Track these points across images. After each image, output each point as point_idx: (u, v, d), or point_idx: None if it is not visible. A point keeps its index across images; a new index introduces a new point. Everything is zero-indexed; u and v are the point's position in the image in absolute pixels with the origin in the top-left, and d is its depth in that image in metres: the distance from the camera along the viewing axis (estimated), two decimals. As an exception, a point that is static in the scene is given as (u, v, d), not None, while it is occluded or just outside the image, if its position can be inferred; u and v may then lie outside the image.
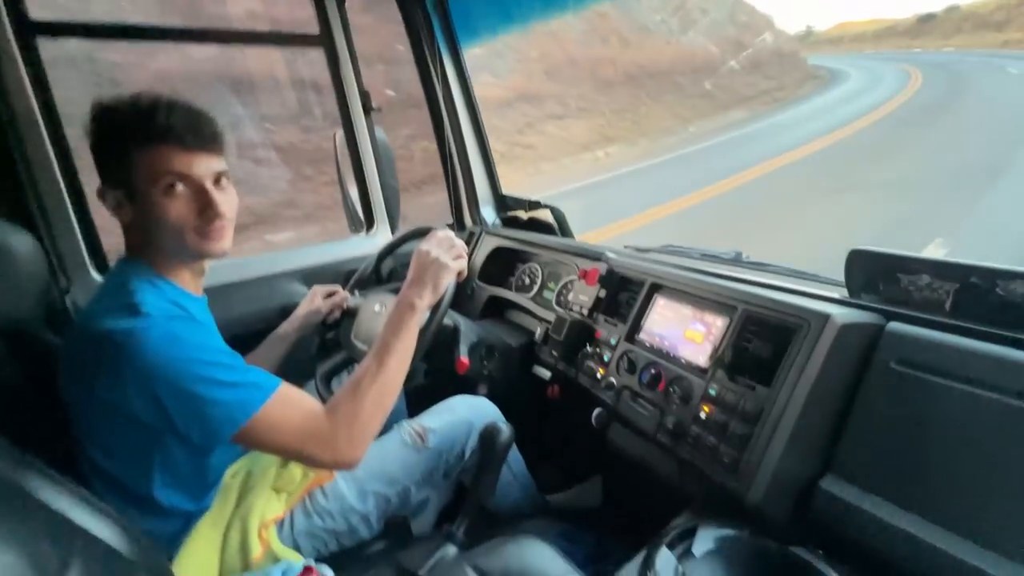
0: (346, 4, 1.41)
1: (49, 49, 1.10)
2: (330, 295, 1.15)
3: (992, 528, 0.60)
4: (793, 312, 0.79)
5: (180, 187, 0.73)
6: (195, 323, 0.75)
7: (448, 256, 0.89)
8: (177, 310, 0.75)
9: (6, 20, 1.02)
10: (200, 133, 0.74)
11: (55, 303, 1.05)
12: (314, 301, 1.13)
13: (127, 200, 0.74)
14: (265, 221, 4.46)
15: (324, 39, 1.39)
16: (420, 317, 0.86)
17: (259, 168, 4.87)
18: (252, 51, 4.96)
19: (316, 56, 1.41)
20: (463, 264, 0.92)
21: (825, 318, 0.74)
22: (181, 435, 0.71)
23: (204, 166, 0.74)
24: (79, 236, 1.13)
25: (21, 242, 0.85)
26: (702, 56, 14.53)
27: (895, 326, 0.75)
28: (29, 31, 1.06)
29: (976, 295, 0.75)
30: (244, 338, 1.01)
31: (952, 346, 0.68)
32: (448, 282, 0.89)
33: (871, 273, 0.87)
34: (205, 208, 0.74)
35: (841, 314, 0.75)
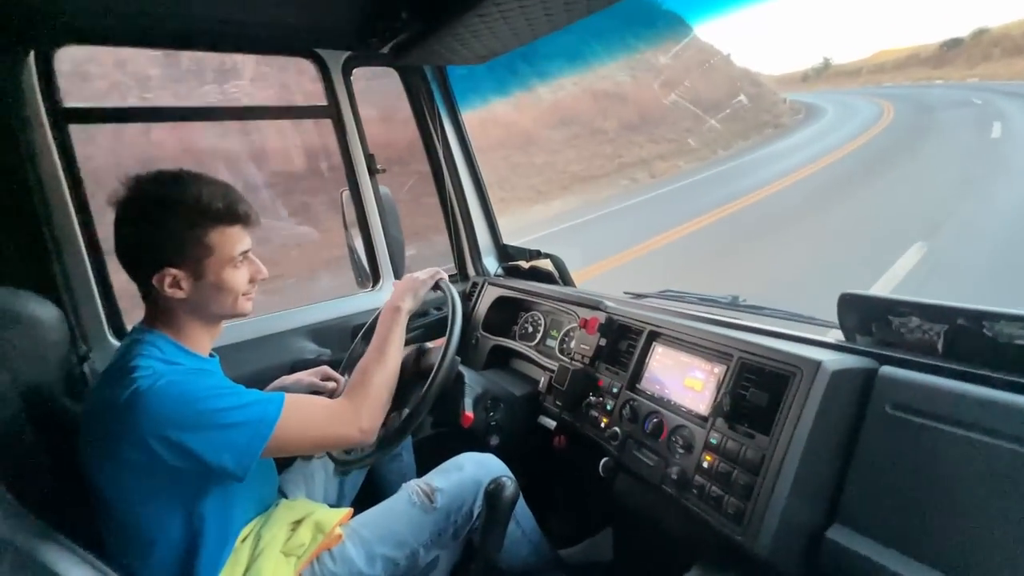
0: (352, 76, 1.52)
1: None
2: (326, 379, 1.18)
3: None
4: (786, 360, 0.80)
5: (242, 260, 0.85)
6: (192, 371, 0.81)
7: (422, 275, 1.12)
8: (169, 368, 0.79)
9: (42, 108, 1.12)
10: (254, 213, 0.86)
11: (74, 370, 1.09)
12: (309, 376, 1.16)
13: (191, 278, 0.80)
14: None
15: (332, 109, 1.49)
16: (405, 318, 1.05)
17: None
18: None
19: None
20: (437, 275, 1.12)
21: (817, 365, 0.76)
22: (216, 470, 0.76)
23: (251, 240, 0.87)
24: (99, 305, 1.18)
25: (45, 311, 0.89)
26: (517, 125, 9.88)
27: (888, 370, 0.76)
28: (62, 117, 1.15)
29: (965, 336, 0.76)
30: None
31: (945, 390, 0.69)
32: (424, 291, 1.10)
33: (863, 316, 0.89)
34: (255, 275, 0.88)
35: (833, 360, 0.76)
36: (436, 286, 1.16)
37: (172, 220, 0.79)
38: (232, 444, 0.77)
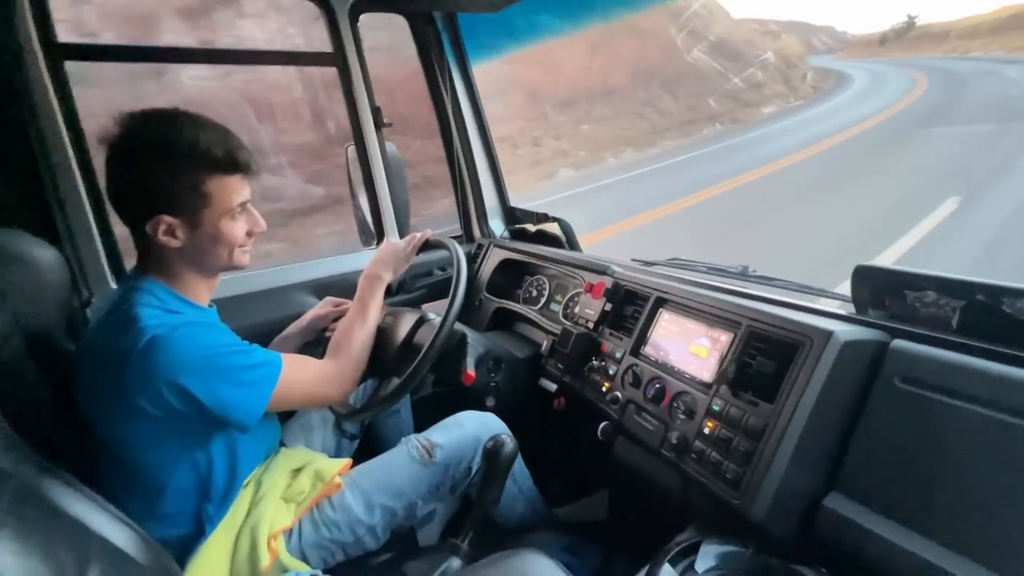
0: (359, 23, 1.45)
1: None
2: (338, 306, 1.18)
3: (1000, 552, 0.60)
4: (796, 329, 0.79)
5: (240, 211, 0.82)
6: (200, 324, 0.80)
7: (403, 244, 1.15)
8: (176, 317, 0.78)
9: (36, 43, 1.07)
10: (254, 162, 0.82)
11: (75, 314, 1.09)
12: (323, 309, 1.17)
13: (187, 227, 0.78)
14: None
15: (337, 58, 1.43)
16: (383, 286, 1.08)
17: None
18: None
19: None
20: (415, 242, 1.16)
21: (828, 335, 0.74)
22: (221, 421, 0.78)
23: (251, 191, 0.83)
24: (100, 249, 1.17)
25: (46, 255, 0.88)
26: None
27: (900, 343, 0.74)
28: (57, 53, 1.11)
29: (983, 312, 0.74)
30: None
31: (958, 365, 0.68)
32: (406, 264, 1.13)
33: (877, 289, 0.87)
34: (253, 228, 0.85)
35: (844, 331, 0.74)
36: (434, 245, 1.16)
37: (168, 166, 0.75)
38: (238, 402, 0.78)
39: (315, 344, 1.17)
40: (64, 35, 1.12)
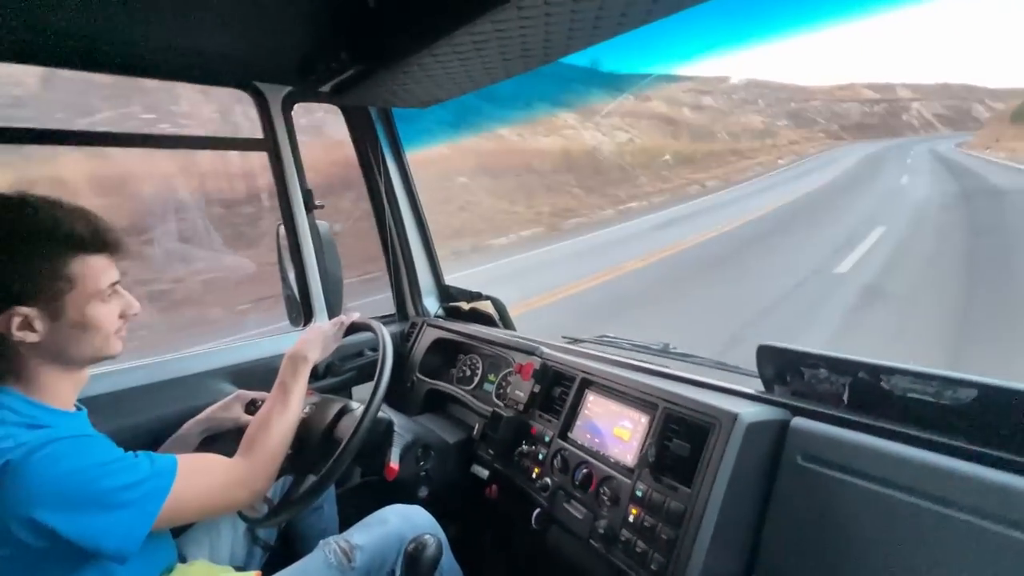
0: (292, 112, 1.49)
1: None
2: (253, 403, 1.09)
3: None
4: (706, 411, 0.82)
5: (111, 293, 0.75)
6: (65, 440, 0.68)
7: (329, 327, 1.09)
8: (39, 434, 0.67)
9: None
10: (123, 240, 0.76)
11: None
12: (231, 408, 1.07)
13: (47, 317, 0.69)
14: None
15: (268, 143, 1.45)
16: (308, 369, 0.99)
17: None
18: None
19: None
20: (342, 325, 1.11)
21: (734, 417, 0.77)
22: (91, 553, 0.66)
23: (117, 271, 0.76)
24: None
25: None
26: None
27: (799, 422, 0.79)
28: None
29: (867, 389, 0.81)
30: (165, 440, 1.00)
31: (847, 441, 0.72)
32: (334, 344, 1.08)
33: (779, 367, 0.93)
34: (125, 310, 0.78)
35: (749, 412, 0.78)
36: (360, 328, 1.12)
37: (22, 251, 0.68)
38: (114, 528, 0.67)
39: (219, 440, 1.06)
40: None
